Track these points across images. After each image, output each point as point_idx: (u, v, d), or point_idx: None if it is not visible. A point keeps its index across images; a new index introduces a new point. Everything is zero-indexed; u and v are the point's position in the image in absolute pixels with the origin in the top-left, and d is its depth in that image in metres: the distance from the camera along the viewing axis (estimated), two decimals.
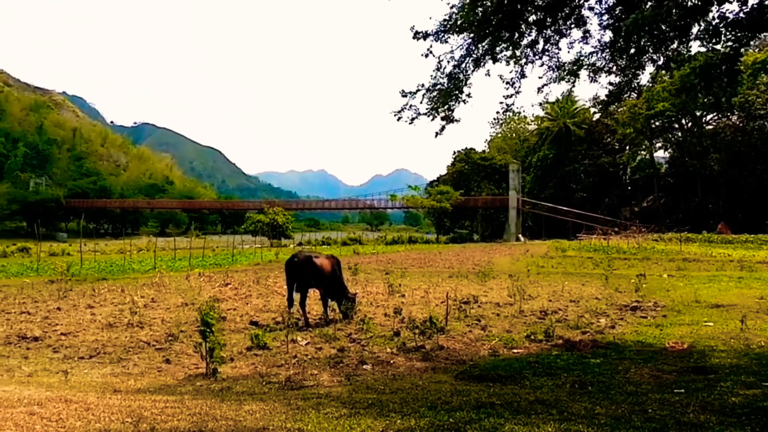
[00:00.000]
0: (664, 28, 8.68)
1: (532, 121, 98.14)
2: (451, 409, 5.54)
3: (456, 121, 10.98)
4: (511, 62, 10.28)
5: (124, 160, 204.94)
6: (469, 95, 10.52)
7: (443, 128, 11.17)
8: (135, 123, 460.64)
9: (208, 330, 7.37)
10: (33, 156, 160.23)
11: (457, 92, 10.45)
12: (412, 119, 10.87)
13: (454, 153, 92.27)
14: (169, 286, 18.39)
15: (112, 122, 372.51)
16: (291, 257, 11.90)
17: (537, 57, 10.19)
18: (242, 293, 16.44)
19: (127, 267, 28.24)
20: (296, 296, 11.62)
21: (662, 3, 8.39)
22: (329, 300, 12.07)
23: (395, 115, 10.92)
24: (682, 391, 6.06)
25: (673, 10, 8.27)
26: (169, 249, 46.87)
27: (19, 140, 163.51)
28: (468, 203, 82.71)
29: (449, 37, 9.98)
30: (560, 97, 68.80)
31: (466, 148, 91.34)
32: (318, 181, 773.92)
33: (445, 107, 10.67)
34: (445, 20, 9.86)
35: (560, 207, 72.99)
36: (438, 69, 10.32)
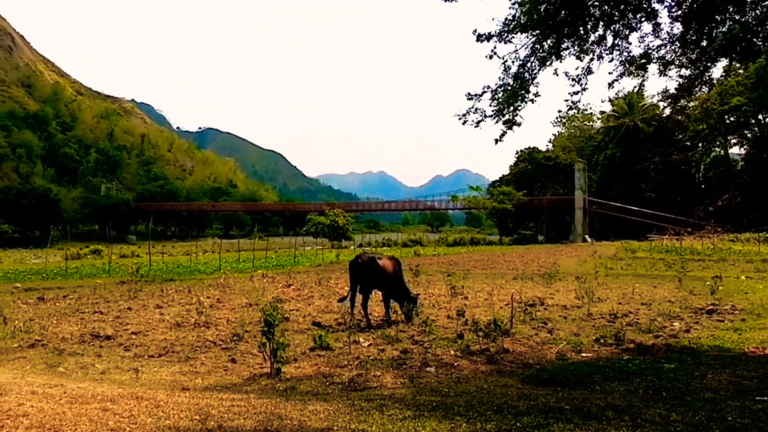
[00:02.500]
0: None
1: (597, 118, 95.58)
2: (518, 413, 5.40)
3: (517, 125, 10.78)
4: (580, 57, 10.01)
5: (189, 165, 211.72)
6: (536, 94, 10.31)
7: (504, 134, 10.99)
8: (200, 128, 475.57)
9: (272, 331, 7.45)
10: (104, 161, 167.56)
11: (523, 92, 10.25)
12: (478, 122, 10.72)
13: (517, 153, 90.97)
14: (234, 286, 18.78)
15: (178, 128, 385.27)
16: (355, 258, 11.88)
17: (606, 53, 9.88)
18: (304, 294, 16.60)
19: (193, 268, 29.05)
20: (358, 297, 11.62)
21: None
22: (391, 301, 12.04)
23: (460, 119, 10.80)
24: (765, 398, 5.70)
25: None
26: (233, 250, 48.05)
27: (91, 147, 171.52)
28: (532, 204, 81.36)
29: (513, 37, 9.80)
30: (627, 94, 66.78)
31: (530, 148, 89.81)
32: (378, 183, 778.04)
33: (511, 108, 10.48)
34: (508, 20, 9.69)
35: (629, 207, 70.70)
36: (504, 70, 10.14)
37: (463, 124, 10.76)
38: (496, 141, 11.19)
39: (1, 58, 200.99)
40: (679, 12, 9.17)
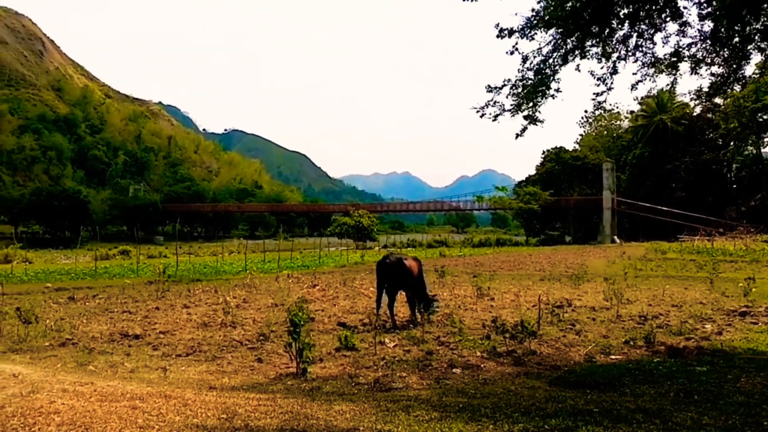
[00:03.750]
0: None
1: (626, 117, 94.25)
2: (546, 415, 5.33)
3: (540, 121, 10.66)
4: (602, 58, 9.87)
5: (215, 166, 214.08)
6: (558, 90, 10.18)
7: (524, 129, 10.88)
8: (225, 130, 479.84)
9: (297, 331, 7.47)
10: (132, 163, 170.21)
11: (543, 88, 10.13)
12: (496, 116, 10.62)
13: (544, 153, 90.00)
14: (260, 287, 18.90)
15: (204, 130, 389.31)
16: (383, 259, 11.84)
17: (630, 53, 9.73)
18: (329, 295, 16.63)
19: (219, 269, 29.31)
20: (384, 298, 11.60)
21: None
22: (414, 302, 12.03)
23: (478, 112, 10.71)
24: None
25: None
26: (259, 251, 48.39)
27: (120, 149, 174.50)
28: (559, 204, 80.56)
29: (536, 34, 9.70)
30: (656, 92, 65.61)
31: (556, 148, 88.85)
32: (402, 184, 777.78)
33: (530, 103, 10.37)
34: (531, 16, 9.59)
35: (659, 207, 69.54)
36: (524, 63, 10.04)
37: (481, 116, 10.67)
38: (517, 136, 11.08)
39: (32, 62, 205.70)
40: (709, 9, 8.99)
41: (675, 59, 9.74)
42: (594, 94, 10.45)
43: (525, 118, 10.54)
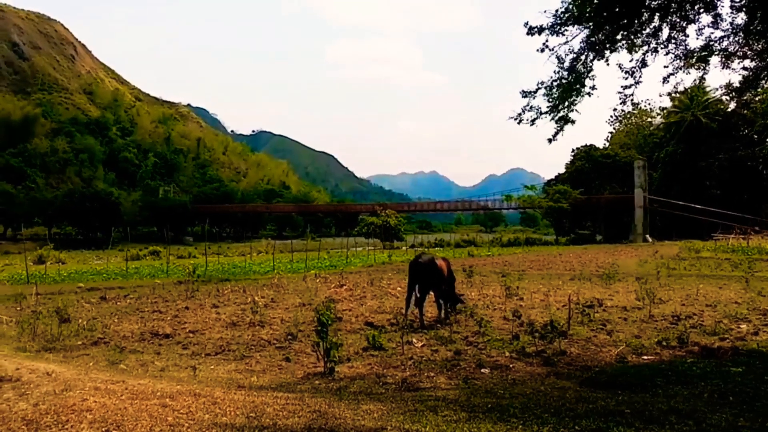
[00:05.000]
0: None
1: (657, 114, 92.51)
2: (576, 416, 5.25)
3: (572, 122, 10.53)
4: (632, 51, 9.70)
5: (243, 167, 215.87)
6: (593, 88, 10.05)
7: (557, 133, 10.77)
8: (253, 131, 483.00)
9: (325, 330, 7.48)
10: (162, 165, 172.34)
11: (578, 86, 10.01)
12: (533, 120, 10.54)
13: (573, 151, 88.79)
14: (287, 286, 19.01)
15: (232, 131, 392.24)
16: (415, 259, 11.80)
17: (662, 46, 9.54)
18: (357, 294, 16.65)
19: (247, 269, 29.51)
20: (413, 297, 11.58)
21: None
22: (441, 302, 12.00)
23: (515, 119, 10.65)
24: None
25: None
26: (287, 251, 48.69)
27: (150, 151, 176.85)
28: (589, 202, 79.45)
29: (566, 30, 9.58)
30: (688, 88, 64.28)
31: (586, 146, 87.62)
32: (429, 183, 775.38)
33: (566, 104, 10.25)
34: (560, 12, 9.47)
35: (692, 205, 68.13)
36: (557, 63, 9.92)
37: (518, 123, 10.60)
38: (550, 140, 10.99)
39: (65, 66, 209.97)
40: (743, 1, 8.77)
41: (706, 53, 9.54)
42: (621, 87, 10.30)
43: (558, 120, 10.42)
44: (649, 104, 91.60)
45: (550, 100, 10.22)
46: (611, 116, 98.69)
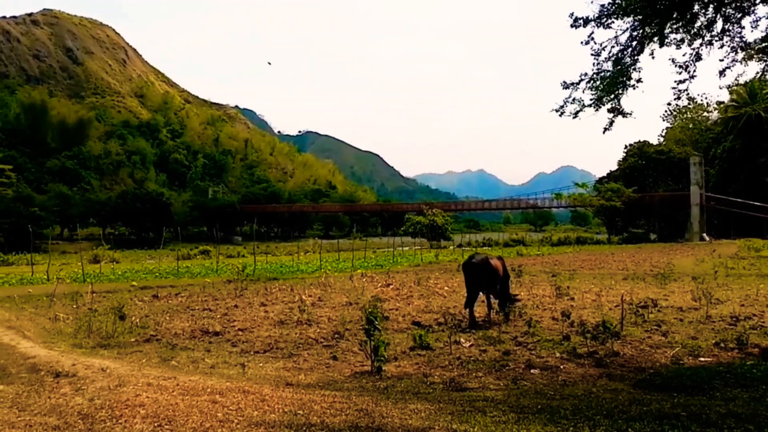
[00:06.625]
0: None
1: (714, 108, 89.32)
2: (630, 418, 5.11)
3: (627, 114, 10.26)
4: (683, 45, 9.36)
5: (290, 167, 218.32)
6: (639, 80, 9.75)
7: (612, 122, 10.50)
8: (299, 132, 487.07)
9: (373, 329, 7.47)
10: (211, 166, 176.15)
11: (623, 79, 9.73)
12: (576, 113, 10.31)
13: (626, 147, 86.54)
14: (334, 285, 19.11)
15: (279, 132, 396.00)
16: (468, 259, 11.67)
17: (716, 38, 9.19)
18: (403, 294, 16.61)
19: (295, 268, 29.80)
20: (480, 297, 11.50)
21: None
22: (492, 301, 11.86)
23: (557, 112, 10.45)
24: None
25: None
26: (333, 251, 49.02)
27: (199, 152, 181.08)
28: (643, 200, 77.25)
29: (612, 22, 9.33)
30: (748, 81, 61.88)
31: (640, 142, 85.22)
32: (477, 182, 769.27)
33: (611, 96, 9.98)
34: (608, 3, 9.23)
35: (752, 203, 65.57)
36: (600, 55, 9.68)
37: (560, 115, 10.40)
38: (605, 130, 10.74)
39: (116, 70, 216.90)
40: None
41: (766, 45, 9.14)
42: (675, 82, 9.96)
43: (610, 111, 10.17)
44: (706, 98, 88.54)
45: (594, 92, 9.97)
46: (665, 112, 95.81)
